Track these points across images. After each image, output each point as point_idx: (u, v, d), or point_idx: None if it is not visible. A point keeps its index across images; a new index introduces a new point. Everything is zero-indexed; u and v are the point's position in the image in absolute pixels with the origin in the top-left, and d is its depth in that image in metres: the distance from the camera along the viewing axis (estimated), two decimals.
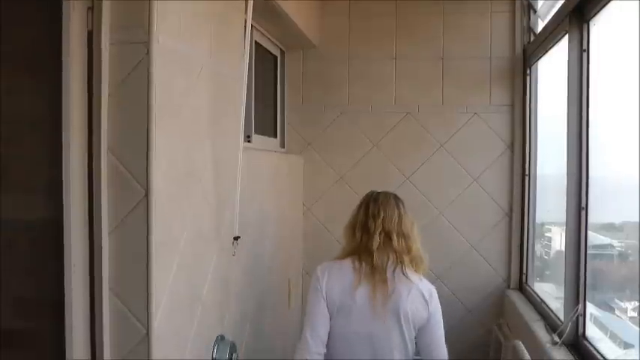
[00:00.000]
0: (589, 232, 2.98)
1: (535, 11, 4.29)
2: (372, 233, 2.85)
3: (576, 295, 3.01)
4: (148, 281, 2.12)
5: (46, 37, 2.13)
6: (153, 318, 2.14)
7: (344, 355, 2.78)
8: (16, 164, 2.17)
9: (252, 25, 3.17)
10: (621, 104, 2.70)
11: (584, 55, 3.04)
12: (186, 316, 2.47)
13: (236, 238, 2.88)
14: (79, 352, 2.09)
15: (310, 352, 2.72)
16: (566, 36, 3.18)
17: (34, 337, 2.19)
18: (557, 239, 3.86)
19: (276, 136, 4.53)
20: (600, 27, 2.95)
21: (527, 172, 4.37)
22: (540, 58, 4.05)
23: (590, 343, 2.85)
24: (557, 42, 3.53)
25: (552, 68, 3.84)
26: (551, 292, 3.85)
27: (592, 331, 2.97)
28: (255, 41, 3.86)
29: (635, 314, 2.74)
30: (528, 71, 4.35)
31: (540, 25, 4.07)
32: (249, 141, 3.59)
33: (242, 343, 3.16)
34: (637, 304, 2.71)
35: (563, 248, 3.21)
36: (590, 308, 2.99)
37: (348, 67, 4.61)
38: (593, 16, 2.95)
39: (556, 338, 2.99)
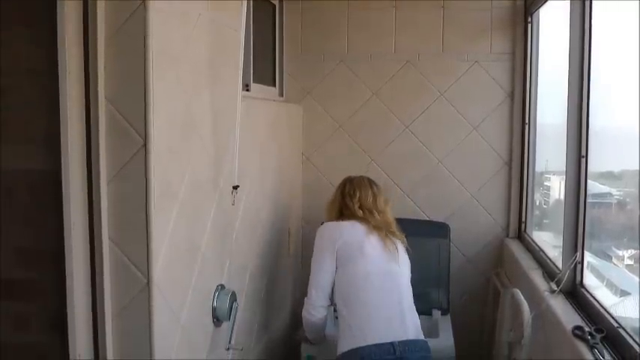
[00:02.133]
0: (588, 181, 2.98)
1: None
2: (352, 208, 3.21)
3: (574, 243, 3.02)
4: (147, 230, 2.12)
5: None
6: (153, 267, 2.14)
7: (370, 293, 3.01)
8: (13, 115, 2.16)
9: None
10: (623, 53, 2.68)
11: (587, 2, 3.00)
12: (187, 266, 2.48)
13: (235, 188, 2.88)
14: (79, 302, 2.10)
15: (315, 307, 3.13)
16: None
17: (34, 288, 2.20)
18: (557, 188, 3.86)
19: (275, 85, 4.49)
20: None
21: (527, 121, 4.35)
22: (542, 5, 4.00)
23: (587, 291, 2.87)
24: None
25: (554, 16, 3.79)
26: (550, 241, 3.87)
27: (589, 280, 2.99)
28: None
29: (632, 262, 2.76)
30: (529, 19, 4.29)
31: None
32: (247, 90, 3.56)
33: (242, 292, 3.18)
34: (633, 252, 2.72)
35: (562, 197, 3.21)
36: (588, 257, 3.01)
37: (348, 15, 4.55)
38: None
39: (554, 286, 3.01)
